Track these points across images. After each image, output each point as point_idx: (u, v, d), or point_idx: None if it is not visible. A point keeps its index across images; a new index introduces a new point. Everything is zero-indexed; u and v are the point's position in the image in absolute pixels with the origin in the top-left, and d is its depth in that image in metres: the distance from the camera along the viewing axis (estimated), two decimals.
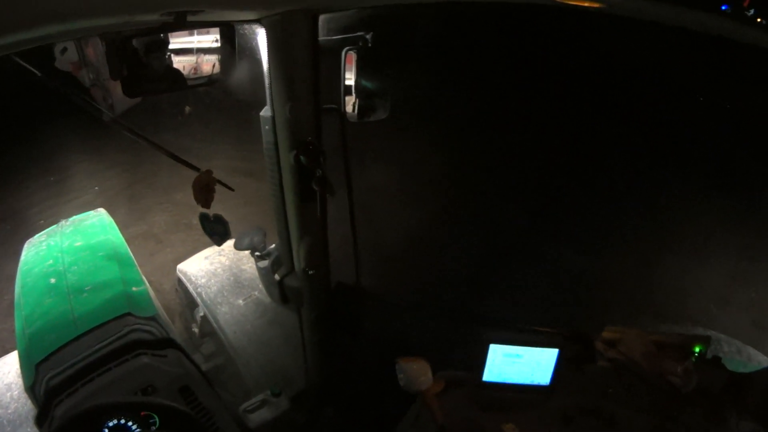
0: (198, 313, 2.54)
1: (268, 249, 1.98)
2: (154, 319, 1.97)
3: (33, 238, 2.56)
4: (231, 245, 2.37)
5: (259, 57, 1.54)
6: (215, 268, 2.69)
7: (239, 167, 4.64)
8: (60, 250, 2.36)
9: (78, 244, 2.41)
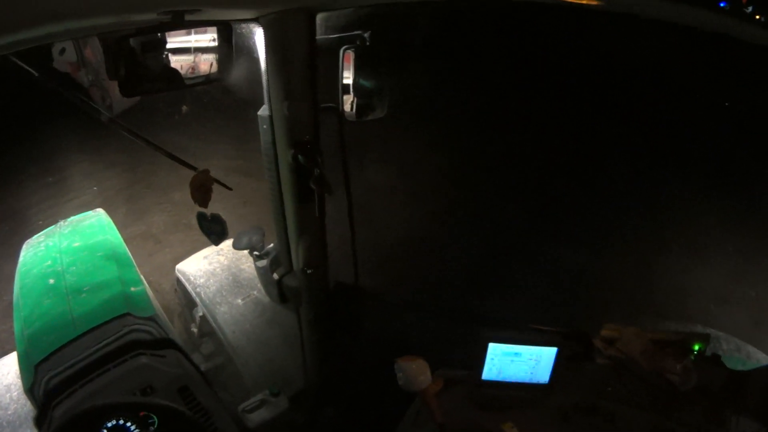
0: (197, 312, 2.54)
1: (266, 248, 1.97)
2: (152, 319, 1.97)
3: (31, 239, 2.56)
4: (229, 245, 2.38)
5: (257, 56, 1.54)
6: (214, 268, 2.69)
7: (237, 167, 4.63)
8: (58, 251, 2.36)
9: (76, 244, 2.41)
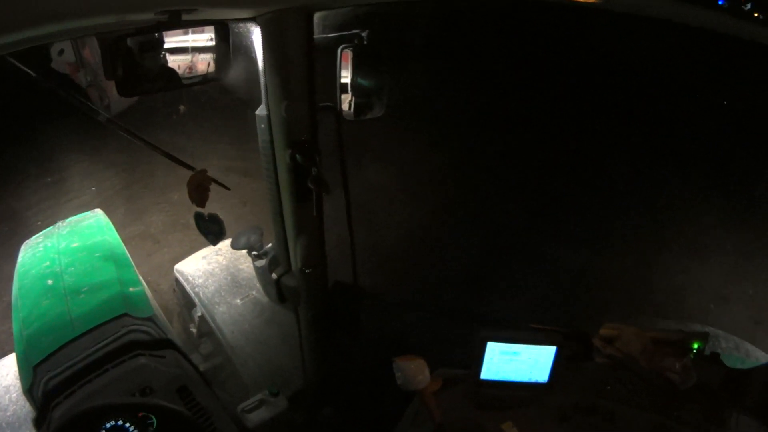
0: (196, 313, 2.53)
1: (265, 248, 1.97)
2: (151, 319, 1.97)
3: (30, 240, 2.55)
4: (228, 245, 2.38)
5: (254, 55, 1.54)
6: (213, 268, 2.69)
7: (235, 166, 4.63)
8: (57, 252, 2.35)
9: (75, 245, 2.40)
